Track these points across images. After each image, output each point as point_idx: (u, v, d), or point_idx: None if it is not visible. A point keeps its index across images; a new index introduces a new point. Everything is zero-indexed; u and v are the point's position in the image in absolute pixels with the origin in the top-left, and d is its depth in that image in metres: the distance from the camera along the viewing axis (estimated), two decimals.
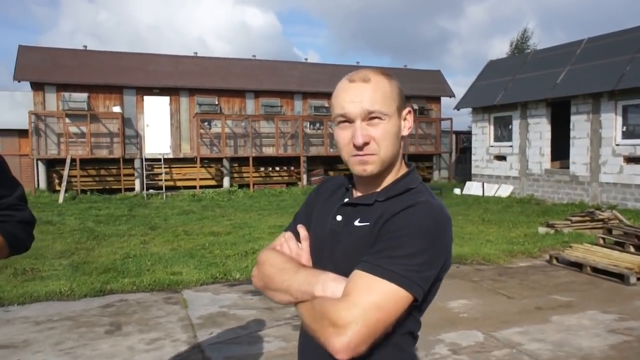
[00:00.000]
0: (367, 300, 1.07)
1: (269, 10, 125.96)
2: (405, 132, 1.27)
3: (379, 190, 1.26)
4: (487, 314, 5.00)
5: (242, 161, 19.31)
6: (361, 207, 1.25)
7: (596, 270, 6.48)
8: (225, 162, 19.01)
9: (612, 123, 13.21)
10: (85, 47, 20.03)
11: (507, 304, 5.35)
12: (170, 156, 18.64)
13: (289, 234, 1.36)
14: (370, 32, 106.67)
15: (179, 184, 18.55)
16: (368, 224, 1.21)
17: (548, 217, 11.15)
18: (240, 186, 19.01)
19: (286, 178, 19.95)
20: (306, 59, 24.37)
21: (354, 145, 1.20)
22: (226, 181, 19.03)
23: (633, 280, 6.01)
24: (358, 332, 1.05)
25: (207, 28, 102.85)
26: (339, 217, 1.28)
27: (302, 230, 1.35)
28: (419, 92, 22.73)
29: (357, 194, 1.32)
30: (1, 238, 1.52)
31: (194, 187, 17.98)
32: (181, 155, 18.89)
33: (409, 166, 1.32)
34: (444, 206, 1.22)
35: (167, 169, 18.36)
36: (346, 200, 1.31)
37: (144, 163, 17.84)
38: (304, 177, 19.57)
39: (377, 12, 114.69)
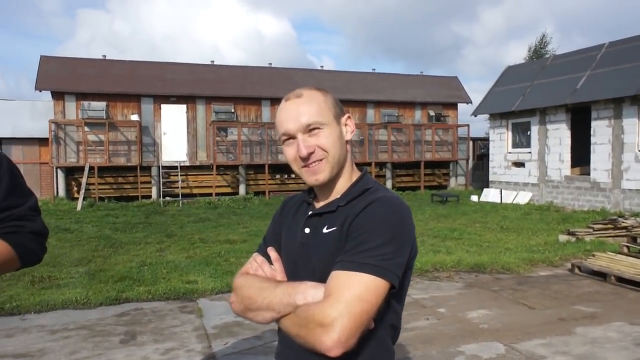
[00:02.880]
0: (348, 294, 1.12)
1: (282, 18, 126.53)
2: (348, 137, 1.35)
3: (338, 196, 1.33)
4: (508, 325, 4.86)
5: (258, 168, 19.34)
6: (326, 215, 1.31)
7: (621, 280, 6.29)
8: (241, 170, 19.06)
9: (635, 128, 12.91)
10: (104, 56, 20.33)
11: (528, 315, 5.20)
12: (187, 164, 18.75)
13: (261, 259, 1.40)
14: (383, 39, 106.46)
15: (195, 191, 18.64)
16: (335, 228, 1.27)
17: (568, 225, 10.91)
18: (256, 193, 19.02)
19: (302, 185, 19.85)
20: (322, 67, 24.41)
21: (301, 158, 1.28)
22: (242, 188, 19.07)
23: None
24: (345, 326, 1.09)
25: (221, 36, 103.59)
26: (307, 230, 1.33)
27: (272, 252, 1.40)
28: (436, 98, 22.59)
29: (319, 204, 1.38)
30: (12, 250, 1.47)
31: (210, 195, 18.04)
32: (197, 163, 18.99)
33: (361, 170, 1.40)
34: (401, 199, 1.28)
35: (184, 177, 18.46)
36: (310, 212, 1.35)
37: (160, 171, 17.97)
38: None
39: (390, 19, 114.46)
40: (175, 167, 18.20)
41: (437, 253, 8.00)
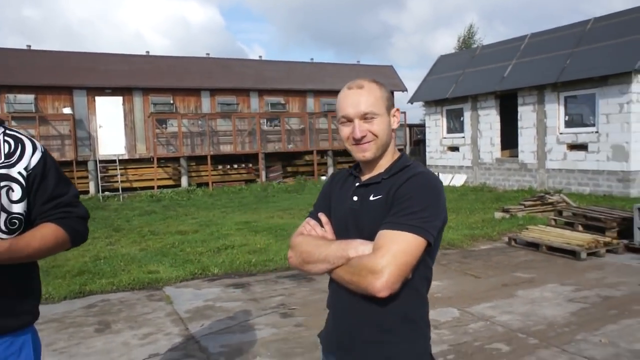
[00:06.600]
0: (394, 248, 1.38)
1: (209, 5, 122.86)
2: (394, 126, 1.63)
3: (382, 171, 1.59)
4: (459, 293, 5.36)
5: (200, 160, 19.13)
6: (372, 185, 1.58)
7: (551, 249, 7.02)
8: (183, 162, 18.78)
9: (556, 113, 14.07)
10: (29, 46, 19.24)
11: (475, 283, 5.74)
12: (126, 157, 18.22)
13: (313, 222, 1.66)
14: (313, 27, 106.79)
15: (135, 184, 18.17)
16: (381, 196, 1.53)
17: (502, 203, 11.78)
18: (199, 185, 18.83)
19: (245, 175, 19.92)
20: (260, 57, 24.38)
21: (354, 138, 1.55)
22: (184, 180, 18.82)
23: (584, 255, 6.57)
24: (392, 273, 1.36)
25: (145, 22, 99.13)
26: (355, 198, 1.59)
27: (323, 217, 1.66)
28: None
29: (364, 177, 1.63)
30: (65, 233, 1.65)
31: (152, 188, 17.67)
32: (137, 156, 18.51)
33: (400, 151, 1.67)
34: (435, 175, 1.57)
35: (123, 170, 17.95)
36: (357, 184, 1.62)
37: (98, 165, 17.37)
38: (263, 173, 19.63)
39: (318, 7, 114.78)
40: (114, 161, 17.64)
41: None
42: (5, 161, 1.59)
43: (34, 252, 1.58)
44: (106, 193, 17.01)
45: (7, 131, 1.66)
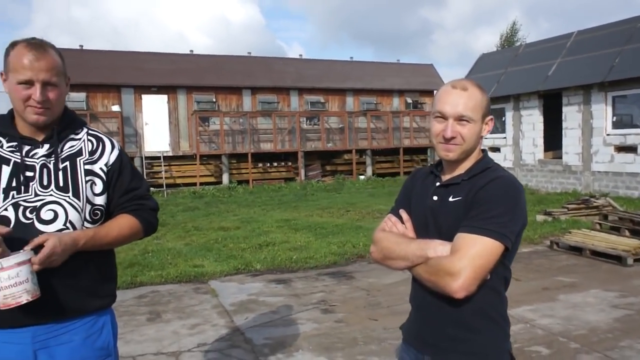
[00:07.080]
0: (472, 252, 1.43)
1: (250, 4, 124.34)
2: (484, 133, 1.63)
3: (462, 172, 1.61)
4: None
5: (240, 157, 19.55)
6: (452, 186, 1.61)
7: (595, 253, 6.88)
8: (224, 159, 19.25)
9: (603, 113, 13.65)
10: (81, 46, 20.13)
11: (515, 286, 5.69)
12: (170, 154, 18.84)
13: (394, 219, 1.72)
14: (352, 25, 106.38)
15: (178, 181, 18.76)
16: (460, 198, 1.56)
17: (544, 206, 11.56)
18: (239, 182, 19.25)
19: (284, 173, 20.22)
20: (300, 55, 24.64)
21: (443, 137, 1.57)
22: (225, 177, 19.28)
23: (630, 261, 6.42)
24: (468, 275, 1.42)
25: (187, 22, 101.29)
26: (435, 197, 1.63)
27: (404, 214, 1.70)
28: (413, 85, 23.12)
29: (445, 177, 1.66)
30: (139, 224, 1.83)
31: (194, 184, 18.20)
32: (180, 153, 19.11)
33: (483, 152, 1.67)
34: (516, 178, 1.59)
35: (167, 167, 18.56)
36: (438, 183, 1.65)
37: (143, 161, 18.02)
38: (302, 172, 19.88)
39: (357, 4, 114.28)
40: (158, 158, 18.28)
41: None
42: (89, 158, 1.79)
43: (112, 240, 1.77)
44: (151, 189, 17.59)
45: (90, 131, 1.86)
